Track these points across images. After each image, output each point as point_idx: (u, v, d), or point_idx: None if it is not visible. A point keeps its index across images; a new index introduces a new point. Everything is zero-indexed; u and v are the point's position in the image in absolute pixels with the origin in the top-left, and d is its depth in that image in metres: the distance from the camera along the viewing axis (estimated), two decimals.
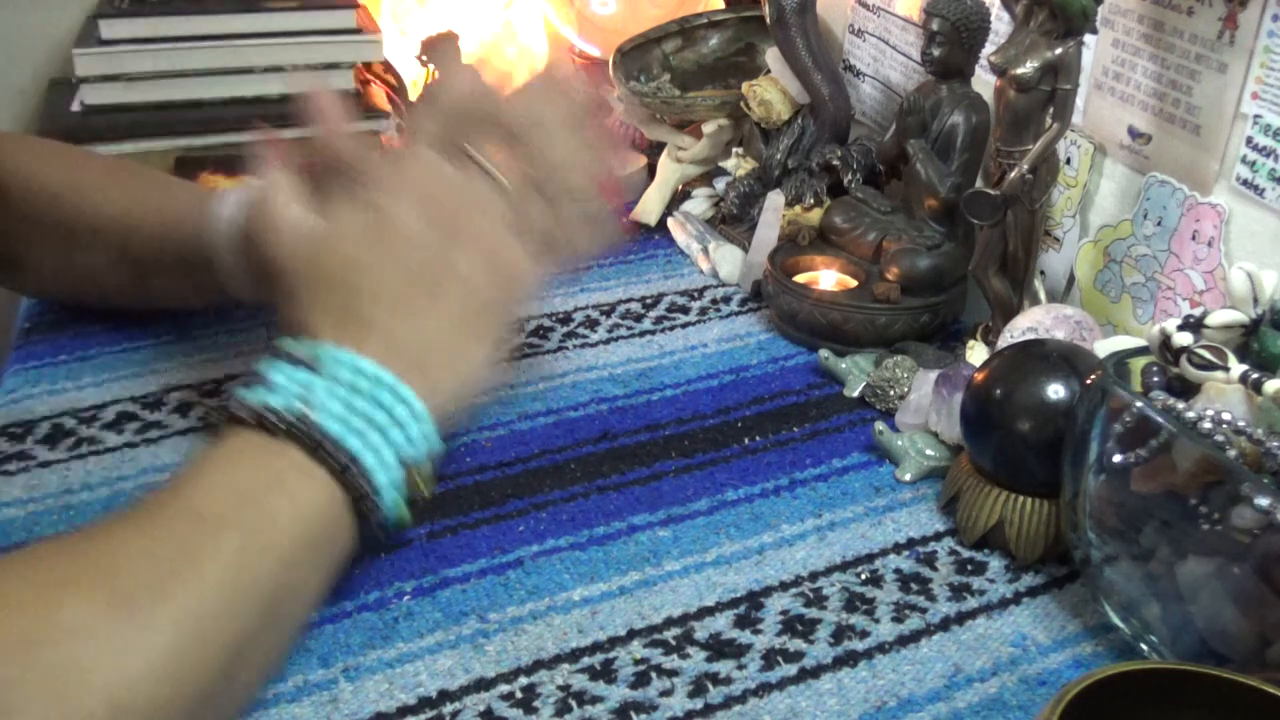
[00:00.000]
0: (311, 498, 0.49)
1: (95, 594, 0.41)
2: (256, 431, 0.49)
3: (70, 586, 0.42)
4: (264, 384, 0.50)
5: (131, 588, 0.42)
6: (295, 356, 0.51)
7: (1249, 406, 0.49)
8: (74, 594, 0.41)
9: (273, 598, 0.47)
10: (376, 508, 0.50)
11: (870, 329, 0.77)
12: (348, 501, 0.50)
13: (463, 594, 0.56)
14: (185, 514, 0.46)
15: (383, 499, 0.50)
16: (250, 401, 0.49)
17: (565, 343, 0.80)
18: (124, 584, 0.42)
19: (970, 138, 0.77)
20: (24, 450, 0.66)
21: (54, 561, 0.43)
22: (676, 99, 0.97)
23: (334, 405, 0.50)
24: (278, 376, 0.50)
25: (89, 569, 0.43)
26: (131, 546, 0.44)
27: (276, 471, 0.49)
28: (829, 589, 0.57)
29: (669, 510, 0.63)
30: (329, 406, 0.50)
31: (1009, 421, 0.58)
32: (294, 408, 0.49)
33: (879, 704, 0.51)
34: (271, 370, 0.51)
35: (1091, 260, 0.75)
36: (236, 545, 0.46)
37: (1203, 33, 0.64)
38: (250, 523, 0.47)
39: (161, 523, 0.46)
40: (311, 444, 0.49)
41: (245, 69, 1.00)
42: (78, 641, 0.40)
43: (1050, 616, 0.56)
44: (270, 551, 0.47)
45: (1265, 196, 0.62)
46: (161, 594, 0.43)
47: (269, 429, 0.49)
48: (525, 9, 1.19)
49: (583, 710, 0.50)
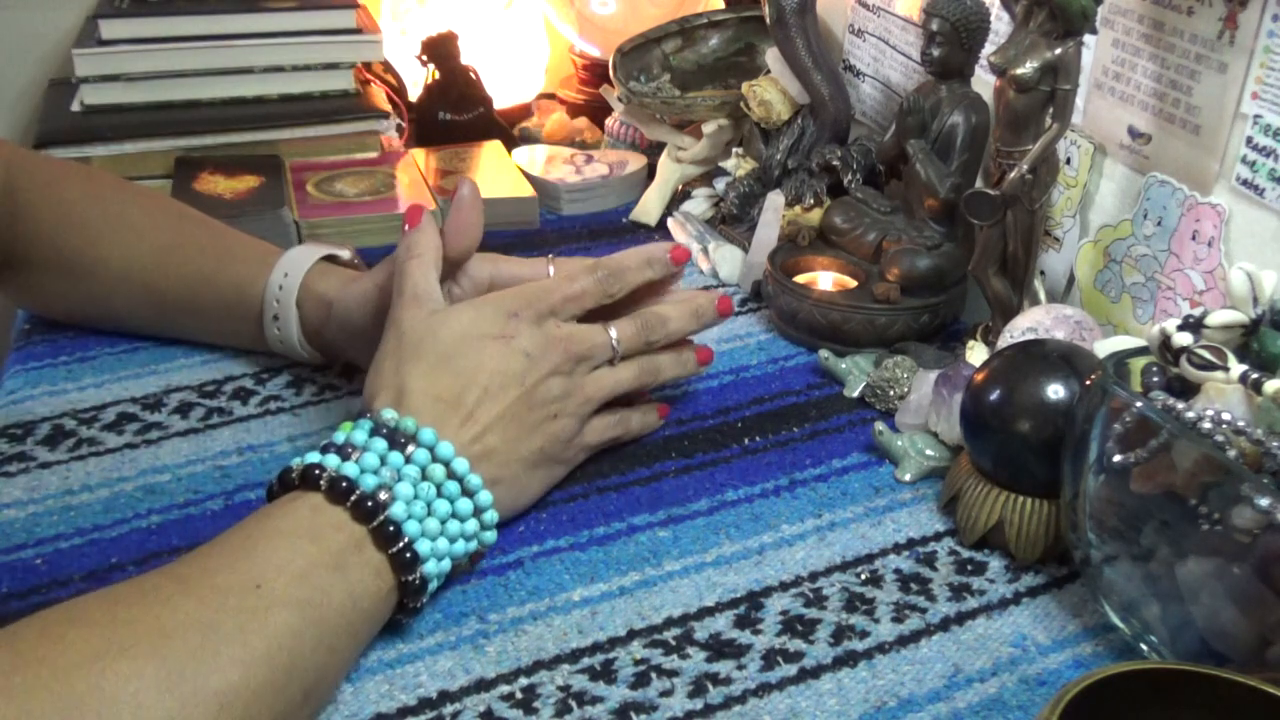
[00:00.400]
0: (366, 581, 0.49)
1: (146, 665, 0.41)
2: (325, 499, 0.50)
3: (121, 655, 0.41)
4: (352, 454, 0.51)
5: (182, 660, 0.42)
6: (393, 432, 0.53)
7: (1249, 406, 0.49)
8: (124, 663, 0.41)
9: (318, 677, 0.47)
10: (419, 594, 0.52)
11: (870, 329, 0.77)
12: (396, 585, 0.51)
13: (463, 594, 0.56)
14: (242, 585, 0.45)
15: (427, 587, 0.52)
16: (337, 470, 0.50)
17: None
18: (175, 655, 0.42)
19: (970, 138, 0.77)
20: (24, 451, 0.66)
21: (106, 626, 0.42)
22: (676, 99, 0.97)
23: (407, 489, 0.51)
24: (370, 454, 0.51)
25: (141, 638, 0.42)
26: (183, 614, 0.43)
27: (338, 549, 0.49)
28: (829, 589, 0.57)
29: (669, 510, 0.63)
30: (404, 492, 0.51)
31: (1009, 421, 0.58)
32: (375, 489, 0.50)
33: (879, 704, 0.51)
34: (364, 440, 0.52)
35: (1091, 260, 0.75)
36: (290, 625, 0.45)
37: (1203, 33, 0.64)
38: (306, 600, 0.47)
39: (217, 592, 0.45)
40: (379, 527, 0.50)
41: (245, 69, 1.00)
42: (124, 712, 0.40)
43: (1050, 616, 0.56)
44: (321, 631, 0.47)
45: (1265, 196, 0.62)
46: (212, 669, 0.42)
47: (340, 501, 0.50)
48: (525, 9, 1.19)
49: (583, 711, 0.50)
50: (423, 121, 1.11)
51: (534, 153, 1.07)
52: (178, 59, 0.98)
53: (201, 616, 0.44)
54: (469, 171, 1.03)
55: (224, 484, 0.64)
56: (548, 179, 1.01)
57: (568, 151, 1.08)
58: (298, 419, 0.70)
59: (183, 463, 0.65)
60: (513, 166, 1.03)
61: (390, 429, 0.53)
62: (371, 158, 1.02)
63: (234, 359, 0.75)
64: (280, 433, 0.69)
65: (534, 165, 1.04)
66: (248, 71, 1.00)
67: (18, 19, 1.13)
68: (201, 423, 0.69)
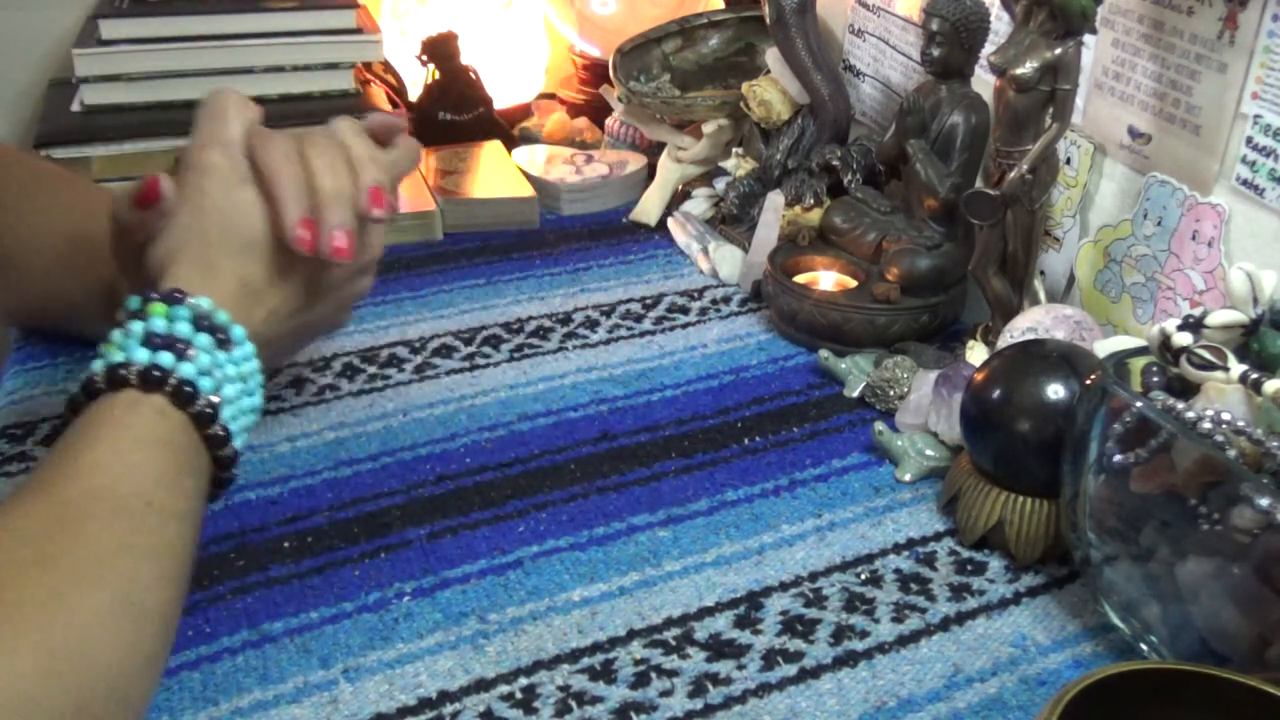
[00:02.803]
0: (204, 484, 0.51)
1: (97, 594, 0.42)
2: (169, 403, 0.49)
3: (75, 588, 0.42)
4: (186, 352, 0.50)
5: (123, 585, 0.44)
6: (214, 326, 0.52)
7: (1249, 406, 0.49)
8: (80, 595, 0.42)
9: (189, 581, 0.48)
10: (228, 486, 0.53)
11: (870, 329, 0.77)
12: None
13: (463, 594, 0.56)
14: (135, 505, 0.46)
15: None
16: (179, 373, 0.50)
17: (565, 343, 0.80)
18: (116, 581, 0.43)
19: (970, 138, 0.77)
20: (24, 451, 0.66)
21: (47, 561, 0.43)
22: (676, 99, 0.97)
23: (232, 391, 0.52)
24: (202, 355, 0.51)
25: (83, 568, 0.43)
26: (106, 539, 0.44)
27: (190, 454, 0.50)
28: (829, 589, 0.57)
29: (669, 510, 0.63)
30: (230, 394, 0.52)
31: (1009, 421, 0.58)
32: (213, 392, 0.50)
33: (879, 704, 0.51)
34: (190, 333, 0.51)
35: (1091, 260, 0.75)
36: (182, 536, 0.47)
37: (1203, 33, 0.64)
38: (187, 511, 0.48)
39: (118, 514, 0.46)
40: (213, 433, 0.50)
41: (245, 69, 1.00)
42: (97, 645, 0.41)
43: (1050, 616, 0.56)
44: (195, 536, 0.49)
45: (1265, 196, 0.62)
46: (146, 589, 0.44)
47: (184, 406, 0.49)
48: (525, 9, 1.19)
49: (583, 711, 0.50)
50: (423, 121, 1.11)
51: (534, 153, 1.07)
52: (178, 59, 0.98)
53: (118, 540, 0.45)
54: (469, 172, 1.03)
55: None
56: (548, 179, 1.01)
57: (568, 151, 1.08)
58: (298, 419, 0.70)
59: None
60: (513, 166, 1.03)
61: (210, 322, 0.52)
62: None
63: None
64: (280, 433, 0.69)
65: (534, 165, 1.04)
66: (248, 71, 1.00)
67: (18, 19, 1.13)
68: None
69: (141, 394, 0.49)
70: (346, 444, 0.68)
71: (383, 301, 0.84)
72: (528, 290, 0.87)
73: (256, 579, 0.57)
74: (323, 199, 0.56)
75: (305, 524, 0.61)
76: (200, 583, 0.57)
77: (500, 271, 0.90)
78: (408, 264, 0.90)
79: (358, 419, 0.70)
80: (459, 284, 0.88)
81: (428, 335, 0.80)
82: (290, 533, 0.60)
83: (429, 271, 0.89)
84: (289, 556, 0.59)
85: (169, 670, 0.51)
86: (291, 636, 0.54)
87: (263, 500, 0.63)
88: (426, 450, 0.68)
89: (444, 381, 0.75)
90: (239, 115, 0.58)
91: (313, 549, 0.59)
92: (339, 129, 0.60)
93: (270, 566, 0.58)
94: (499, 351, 0.78)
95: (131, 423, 0.48)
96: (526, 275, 0.89)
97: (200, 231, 0.55)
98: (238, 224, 0.55)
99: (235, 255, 0.55)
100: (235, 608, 0.55)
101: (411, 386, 0.74)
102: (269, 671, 0.52)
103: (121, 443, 0.48)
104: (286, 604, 0.55)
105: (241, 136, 0.57)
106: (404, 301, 0.85)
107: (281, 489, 0.64)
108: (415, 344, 0.79)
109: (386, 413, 0.71)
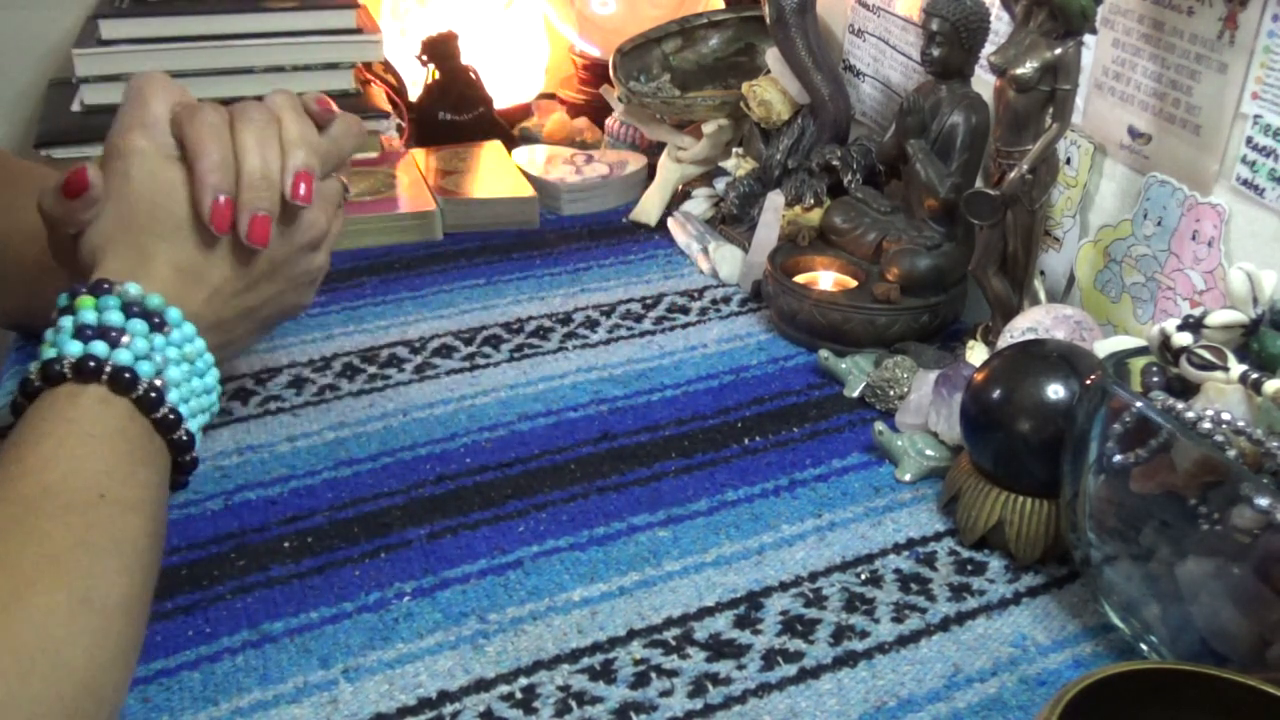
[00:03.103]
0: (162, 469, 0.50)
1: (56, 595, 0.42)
2: (109, 391, 0.49)
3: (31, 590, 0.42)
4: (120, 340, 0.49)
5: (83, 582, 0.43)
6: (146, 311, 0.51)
7: (1249, 406, 0.49)
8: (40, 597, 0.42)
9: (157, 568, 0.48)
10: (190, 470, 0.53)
11: (870, 329, 0.77)
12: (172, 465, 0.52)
13: (463, 594, 0.56)
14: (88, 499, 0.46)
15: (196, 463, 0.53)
16: (115, 360, 0.49)
17: (565, 343, 0.80)
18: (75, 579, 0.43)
19: (970, 138, 0.77)
20: None
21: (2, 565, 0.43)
22: (676, 99, 0.97)
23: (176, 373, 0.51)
24: (138, 340, 0.50)
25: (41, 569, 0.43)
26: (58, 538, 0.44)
27: (140, 441, 0.49)
28: (829, 589, 0.57)
29: (669, 510, 0.63)
30: (174, 376, 0.51)
31: (1009, 421, 0.58)
32: (153, 376, 0.50)
33: (879, 704, 0.51)
34: (122, 321, 0.50)
35: (1091, 260, 0.75)
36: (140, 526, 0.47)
37: (1203, 33, 0.64)
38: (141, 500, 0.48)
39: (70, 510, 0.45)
40: (163, 416, 0.50)
41: (245, 69, 1.00)
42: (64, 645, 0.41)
43: (1050, 616, 0.56)
44: (157, 525, 0.48)
45: (1265, 196, 0.62)
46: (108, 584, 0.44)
47: (125, 392, 0.49)
48: (525, 9, 1.19)
49: (583, 711, 0.50)
50: (423, 121, 1.11)
51: (534, 153, 1.07)
52: (178, 59, 0.98)
53: (74, 537, 0.44)
54: (469, 171, 1.03)
55: (224, 484, 0.64)
56: (548, 179, 1.01)
57: (568, 151, 1.08)
58: (298, 419, 0.70)
59: None
60: (513, 166, 1.03)
61: (142, 308, 0.51)
62: (372, 158, 1.02)
63: (234, 359, 0.75)
64: (280, 433, 0.69)
65: (534, 165, 1.04)
66: (248, 71, 1.00)
67: (18, 19, 1.13)
68: None
69: (79, 385, 0.48)
70: (346, 444, 0.68)
71: (383, 301, 0.85)
72: (528, 290, 0.87)
73: (256, 579, 0.57)
74: (245, 180, 0.55)
75: (305, 524, 0.61)
76: (200, 583, 0.57)
77: (500, 271, 0.90)
78: (408, 264, 0.90)
79: (358, 419, 0.70)
80: (459, 284, 0.88)
81: (428, 335, 0.80)
82: (290, 533, 0.60)
83: (429, 271, 0.89)
84: (289, 556, 0.59)
85: (169, 670, 0.51)
86: (291, 636, 0.54)
87: (263, 500, 0.63)
88: (426, 450, 0.68)
89: (444, 381, 0.75)
90: (163, 95, 0.56)
91: (313, 549, 0.59)
92: (275, 103, 0.58)
93: (270, 566, 0.58)
94: (499, 351, 0.78)
95: (75, 416, 0.48)
96: (526, 275, 0.89)
97: (128, 217, 0.54)
98: (165, 205, 0.54)
99: (166, 238, 0.54)
100: (235, 608, 0.55)
101: (411, 386, 0.74)
102: (269, 671, 0.52)
103: (68, 437, 0.47)
104: (286, 604, 0.55)
105: (167, 115, 0.56)
106: (404, 301, 0.85)
107: (281, 489, 0.64)
108: (415, 344, 0.79)
109: (386, 413, 0.71)
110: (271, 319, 0.61)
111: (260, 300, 0.59)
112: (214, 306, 0.55)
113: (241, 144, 0.55)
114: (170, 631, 0.54)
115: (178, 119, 0.56)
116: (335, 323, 0.81)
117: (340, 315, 0.82)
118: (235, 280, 0.56)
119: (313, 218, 0.58)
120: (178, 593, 0.56)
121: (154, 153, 0.55)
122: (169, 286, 0.53)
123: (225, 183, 0.54)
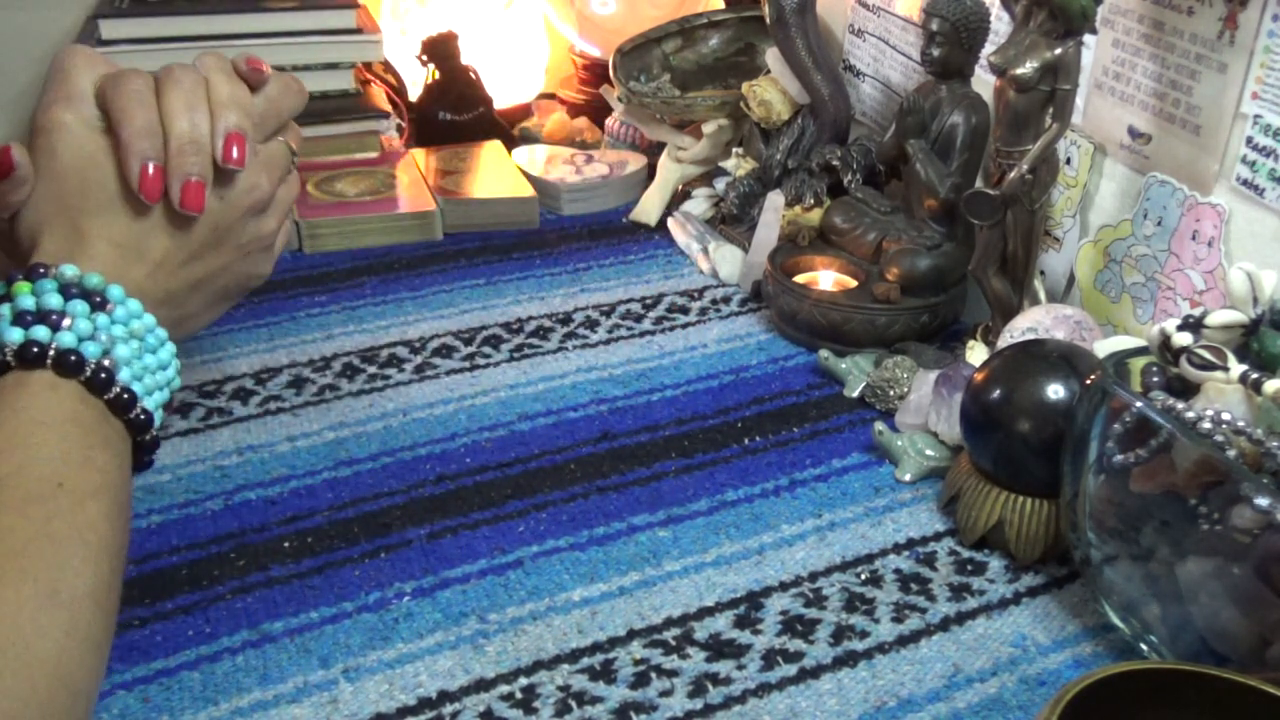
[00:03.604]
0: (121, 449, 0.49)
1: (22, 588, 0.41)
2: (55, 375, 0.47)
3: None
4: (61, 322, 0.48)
5: (48, 574, 0.42)
6: (85, 291, 0.50)
7: (1249, 406, 0.49)
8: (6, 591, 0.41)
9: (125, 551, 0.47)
10: (152, 450, 0.51)
11: (870, 329, 0.77)
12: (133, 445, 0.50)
13: (463, 594, 0.56)
14: (46, 489, 0.45)
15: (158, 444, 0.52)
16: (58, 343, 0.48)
17: (565, 343, 0.80)
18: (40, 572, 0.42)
19: (970, 138, 0.77)
20: None
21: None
22: (676, 99, 0.97)
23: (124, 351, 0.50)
24: (81, 321, 0.48)
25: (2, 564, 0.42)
26: (20, 531, 0.43)
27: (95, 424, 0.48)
28: (829, 589, 0.57)
29: (669, 510, 0.63)
30: (123, 354, 0.50)
31: (1009, 421, 0.58)
32: (101, 356, 0.49)
33: (879, 704, 0.51)
34: (62, 304, 0.49)
35: (1091, 260, 0.75)
36: (103, 511, 0.46)
37: (1203, 33, 0.64)
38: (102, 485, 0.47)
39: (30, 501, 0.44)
40: (116, 397, 0.48)
41: None
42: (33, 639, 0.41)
43: (1050, 616, 0.56)
44: (121, 508, 0.47)
45: (1265, 196, 0.62)
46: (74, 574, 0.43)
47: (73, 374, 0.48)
48: (525, 9, 1.19)
49: (583, 711, 0.50)
50: (423, 121, 1.11)
51: (534, 153, 1.07)
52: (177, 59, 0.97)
53: (34, 528, 0.43)
54: (469, 171, 1.03)
55: (224, 484, 0.64)
56: (548, 179, 1.01)
57: (568, 151, 1.08)
58: (297, 419, 0.70)
59: (182, 462, 0.66)
60: (513, 166, 1.03)
61: (81, 288, 0.50)
62: (372, 158, 1.03)
63: (234, 359, 0.76)
64: (280, 433, 0.69)
65: (534, 165, 1.04)
66: None
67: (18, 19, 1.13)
68: (201, 423, 0.69)
69: (24, 372, 0.47)
70: (346, 444, 0.68)
71: (383, 301, 0.85)
72: (528, 290, 0.87)
73: (256, 579, 0.57)
74: (174, 145, 0.53)
75: (305, 524, 0.61)
76: (200, 583, 0.57)
77: (500, 271, 0.90)
78: (408, 264, 0.90)
79: (358, 419, 0.70)
80: (459, 284, 0.88)
81: (428, 335, 0.80)
82: (290, 533, 0.60)
83: (429, 271, 0.89)
84: (289, 556, 0.59)
85: (169, 670, 0.51)
86: (291, 636, 0.54)
87: (263, 500, 0.63)
88: (426, 450, 0.68)
89: (444, 381, 0.75)
90: (87, 68, 0.54)
91: (313, 549, 0.59)
92: (204, 65, 0.56)
93: (270, 566, 0.58)
94: (499, 351, 0.78)
95: (24, 404, 0.47)
96: (526, 275, 0.89)
97: (60, 195, 0.52)
98: (95, 179, 0.52)
99: (99, 213, 0.52)
100: (235, 608, 0.55)
101: (411, 386, 0.74)
102: (269, 671, 0.52)
103: (19, 426, 0.46)
104: (286, 604, 0.55)
105: (92, 88, 0.54)
106: (404, 301, 0.85)
107: (281, 489, 0.64)
108: (415, 344, 0.79)
109: (386, 413, 0.71)
110: (230, 289, 0.59)
111: (209, 271, 0.56)
112: (159, 280, 0.54)
113: (168, 108, 0.53)
114: (170, 631, 0.54)
115: (102, 89, 0.54)
116: (335, 323, 0.81)
117: (340, 315, 0.82)
118: (177, 251, 0.54)
119: (253, 181, 0.56)
120: (178, 593, 0.56)
121: (79, 126, 0.53)
122: (108, 264, 0.51)
123: (153, 149, 0.52)
